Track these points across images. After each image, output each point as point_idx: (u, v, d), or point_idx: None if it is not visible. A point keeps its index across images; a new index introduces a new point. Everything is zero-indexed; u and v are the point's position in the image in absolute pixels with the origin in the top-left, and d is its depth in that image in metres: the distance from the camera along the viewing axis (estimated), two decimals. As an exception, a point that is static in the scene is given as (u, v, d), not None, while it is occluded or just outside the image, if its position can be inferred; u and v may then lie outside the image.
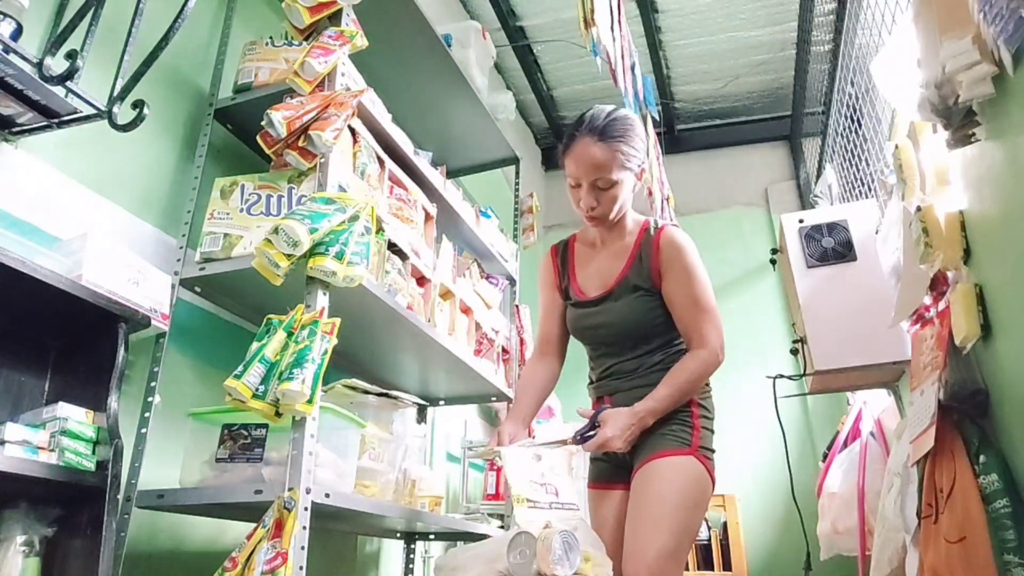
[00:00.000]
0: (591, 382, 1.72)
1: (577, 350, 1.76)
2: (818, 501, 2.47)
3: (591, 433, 1.46)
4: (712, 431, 1.55)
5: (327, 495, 1.33)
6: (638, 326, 1.57)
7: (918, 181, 1.54)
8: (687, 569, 2.98)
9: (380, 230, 1.71)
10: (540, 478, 1.43)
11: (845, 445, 2.42)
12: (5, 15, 1.20)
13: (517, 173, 3.02)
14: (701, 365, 1.49)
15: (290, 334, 1.34)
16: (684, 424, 1.51)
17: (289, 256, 1.34)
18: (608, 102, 1.67)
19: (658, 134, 3.05)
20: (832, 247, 2.26)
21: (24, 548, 1.16)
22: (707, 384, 1.61)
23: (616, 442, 1.41)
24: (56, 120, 1.32)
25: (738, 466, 3.65)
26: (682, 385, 1.48)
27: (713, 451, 1.53)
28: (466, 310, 2.27)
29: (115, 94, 1.31)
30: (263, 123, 1.49)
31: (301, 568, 1.22)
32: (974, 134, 1.24)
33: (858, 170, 2.76)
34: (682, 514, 1.41)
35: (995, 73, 1.11)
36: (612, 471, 1.61)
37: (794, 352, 2.41)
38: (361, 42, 1.68)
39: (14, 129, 1.32)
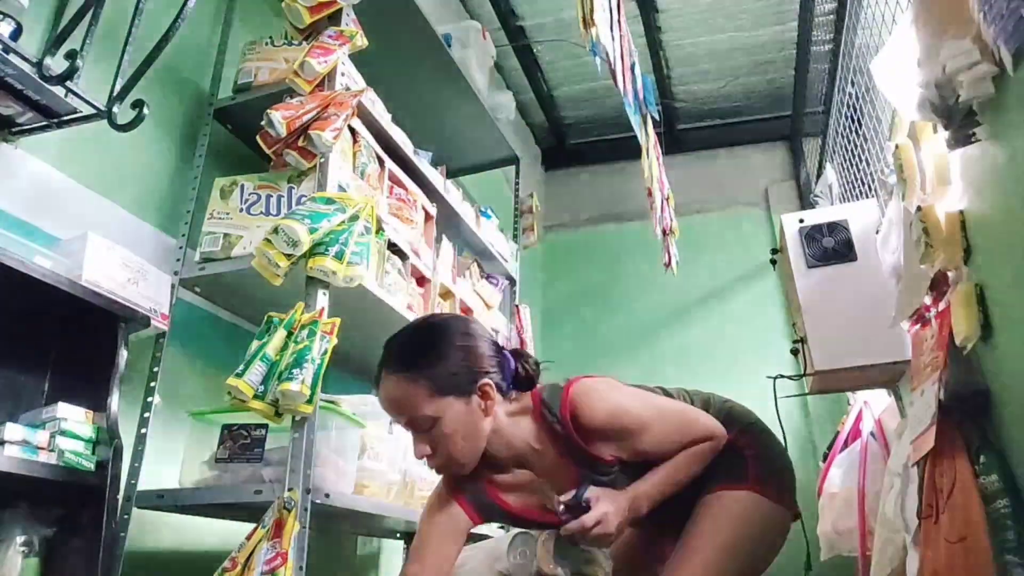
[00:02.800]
0: None
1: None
2: (818, 501, 2.47)
3: (578, 506, 1.18)
4: (776, 459, 1.36)
5: (327, 495, 1.33)
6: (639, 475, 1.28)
7: (918, 181, 1.54)
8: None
9: (380, 230, 1.71)
10: None
11: (845, 445, 2.42)
12: (5, 15, 1.20)
13: (517, 173, 3.02)
14: (704, 448, 1.27)
15: (290, 334, 1.34)
16: (735, 458, 1.31)
17: (289, 256, 1.34)
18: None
19: (658, 134, 3.05)
20: (832, 247, 2.26)
21: (24, 548, 1.16)
22: (746, 425, 1.39)
23: (614, 520, 1.16)
24: (56, 120, 1.32)
25: (738, 466, 3.65)
26: (682, 466, 1.25)
27: (777, 473, 1.33)
28: (466, 310, 2.27)
29: (115, 94, 1.31)
30: (263, 123, 1.49)
31: (301, 568, 1.22)
32: (974, 134, 1.24)
33: (858, 170, 2.76)
34: (722, 553, 1.22)
35: (995, 73, 1.11)
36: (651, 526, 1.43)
37: (794, 352, 2.40)
38: (361, 42, 1.68)
39: (14, 129, 1.33)
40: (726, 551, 1.22)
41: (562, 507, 1.20)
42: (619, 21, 2.28)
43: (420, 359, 1.20)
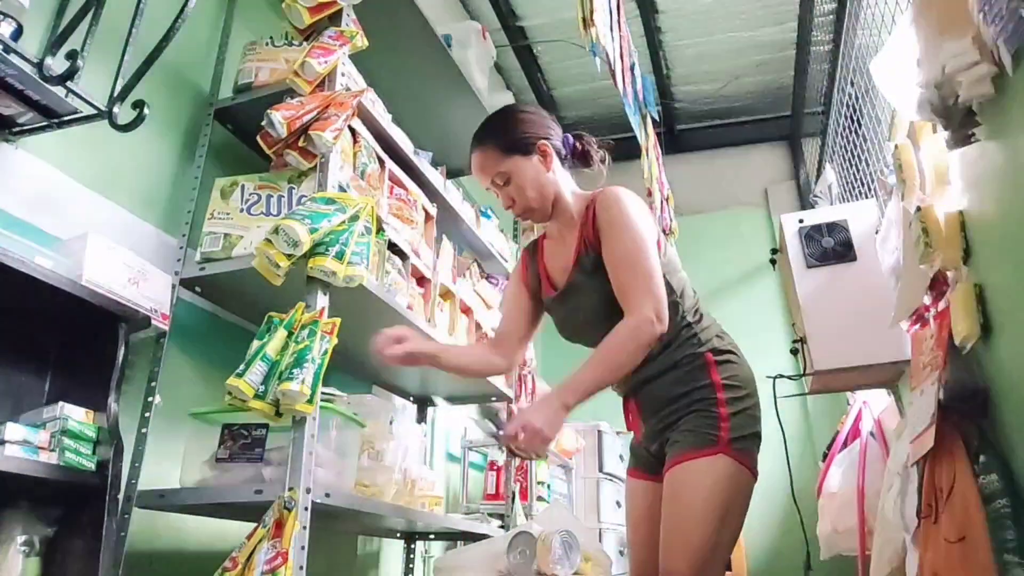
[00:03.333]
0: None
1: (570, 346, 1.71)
2: (818, 501, 2.47)
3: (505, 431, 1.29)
4: (746, 412, 1.41)
5: (327, 495, 1.33)
6: (611, 306, 1.39)
7: (918, 181, 1.54)
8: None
9: (380, 230, 1.71)
10: None
11: (845, 445, 2.42)
12: (5, 15, 1.20)
13: (517, 173, 3.02)
14: (628, 336, 1.32)
15: (290, 333, 1.34)
16: (709, 416, 1.38)
17: (289, 256, 1.35)
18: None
19: (658, 134, 3.04)
20: (832, 247, 2.26)
21: (24, 548, 1.16)
22: (732, 355, 1.49)
23: (536, 421, 1.23)
24: (56, 120, 1.32)
25: (738, 466, 3.64)
26: (607, 360, 1.31)
27: (748, 437, 1.39)
28: (466, 310, 2.27)
29: (115, 94, 1.31)
30: (263, 123, 1.49)
31: (301, 568, 1.22)
32: (974, 134, 1.24)
33: (858, 170, 2.76)
34: (712, 523, 1.32)
35: (995, 73, 1.11)
36: (648, 461, 1.53)
37: (794, 352, 2.41)
38: (361, 42, 1.68)
39: (14, 129, 1.33)
40: (714, 519, 1.31)
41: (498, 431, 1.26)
42: (619, 21, 2.29)
43: (490, 130, 1.51)
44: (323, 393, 1.50)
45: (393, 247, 1.81)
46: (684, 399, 1.41)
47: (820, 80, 3.38)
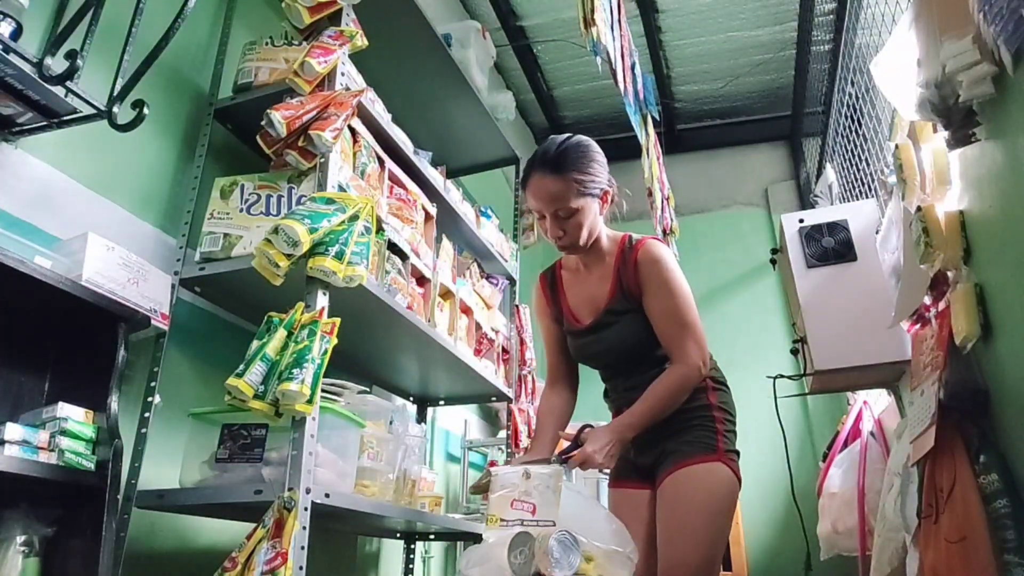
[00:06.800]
0: (607, 395, 1.72)
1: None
2: (818, 501, 2.47)
3: (573, 453, 1.43)
4: (735, 432, 1.57)
5: (327, 495, 1.33)
6: (638, 346, 1.57)
7: (918, 181, 1.54)
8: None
9: (380, 230, 1.71)
10: (522, 496, 1.40)
11: (845, 445, 2.42)
12: (5, 15, 1.20)
13: (517, 173, 3.02)
14: (679, 380, 1.48)
15: (290, 333, 1.34)
16: (707, 429, 1.52)
17: (289, 256, 1.34)
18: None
19: (658, 134, 3.05)
20: (832, 247, 2.26)
21: (24, 548, 1.16)
22: (725, 386, 1.62)
23: (597, 457, 1.38)
24: (56, 120, 1.32)
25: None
26: (660, 400, 1.47)
27: (737, 453, 1.55)
28: (466, 310, 2.27)
29: (115, 94, 1.31)
30: (263, 123, 1.49)
31: (301, 568, 1.22)
32: (974, 134, 1.24)
33: (858, 170, 2.76)
34: (716, 521, 1.46)
35: (995, 73, 1.11)
36: (633, 471, 1.62)
37: (794, 352, 2.41)
38: (361, 42, 1.68)
39: (14, 129, 1.32)
40: (715, 514, 1.46)
41: (560, 455, 1.43)
42: (619, 21, 2.29)
43: (572, 164, 1.51)
44: (332, 385, 1.56)
45: (393, 247, 1.81)
46: (683, 415, 1.53)
47: (820, 80, 3.38)
